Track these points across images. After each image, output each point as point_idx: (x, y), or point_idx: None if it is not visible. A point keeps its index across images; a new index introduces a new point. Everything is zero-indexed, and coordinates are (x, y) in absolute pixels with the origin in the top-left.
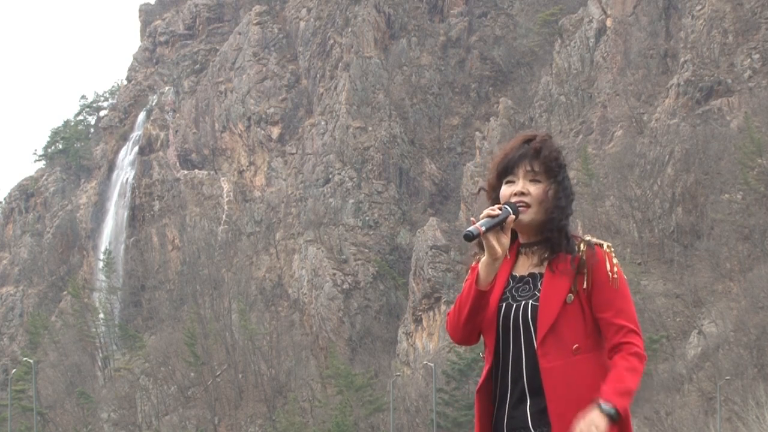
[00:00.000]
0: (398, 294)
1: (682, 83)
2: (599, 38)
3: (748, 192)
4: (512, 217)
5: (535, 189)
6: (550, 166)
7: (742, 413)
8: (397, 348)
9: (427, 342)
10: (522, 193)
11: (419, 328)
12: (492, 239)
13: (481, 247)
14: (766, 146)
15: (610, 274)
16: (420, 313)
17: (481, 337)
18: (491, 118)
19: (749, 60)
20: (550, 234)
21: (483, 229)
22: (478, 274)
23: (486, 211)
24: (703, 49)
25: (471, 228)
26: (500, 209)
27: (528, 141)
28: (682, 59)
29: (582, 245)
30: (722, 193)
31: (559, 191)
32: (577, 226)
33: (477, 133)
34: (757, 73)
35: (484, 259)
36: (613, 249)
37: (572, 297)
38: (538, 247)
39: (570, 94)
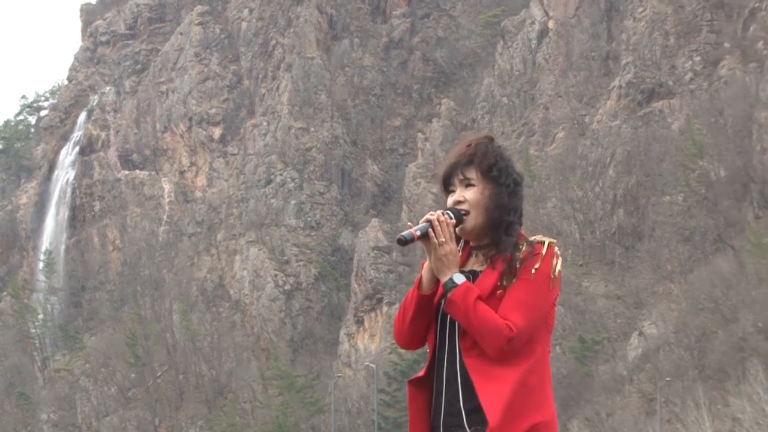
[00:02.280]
0: (340, 295)
1: (623, 85)
2: (541, 40)
3: (689, 194)
4: (452, 222)
5: (469, 194)
6: (483, 169)
7: (682, 415)
8: (338, 349)
9: (369, 343)
10: (459, 201)
11: (361, 329)
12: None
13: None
14: (707, 148)
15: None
16: (362, 314)
17: None
18: (433, 120)
19: (690, 62)
20: (494, 235)
21: (418, 233)
22: (421, 277)
23: (426, 216)
24: (645, 51)
25: (405, 233)
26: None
27: (467, 149)
28: (623, 61)
29: (524, 245)
30: (663, 195)
31: (499, 191)
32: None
33: (419, 134)
34: (698, 75)
35: (427, 263)
36: (557, 247)
37: (501, 293)
38: (485, 249)
39: (512, 96)
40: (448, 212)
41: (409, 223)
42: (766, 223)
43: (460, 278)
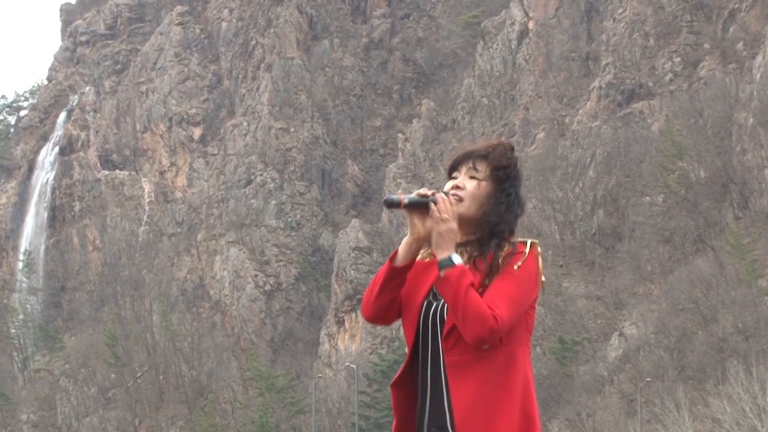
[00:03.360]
0: (320, 296)
1: (603, 86)
2: (521, 41)
3: (669, 195)
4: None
5: (470, 184)
6: (494, 167)
7: (662, 415)
8: (319, 350)
9: (350, 344)
10: (458, 187)
11: (341, 329)
12: (416, 218)
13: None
14: (687, 149)
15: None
16: (342, 314)
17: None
18: (414, 120)
19: (670, 63)
20: (481, 234)
21: (405, 200)
22: (396, 251)
23: (417, 191)
24: (625, 52)
25: (394, 195)
26: (433, 194)
27: (490, 145)
28: (603, 62)
29: (507, 245)
30: (643, 196)
31: (499, 195)
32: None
33: (399, 134)
34: (678, 76)
35: (406, 237)
36: (539, 247)
37: (482, 292)
38: (469, 246)
39: (492, 97)
40: (442, 193)
41: (399, 191)
42: (745, 224)
43: (458, 259)
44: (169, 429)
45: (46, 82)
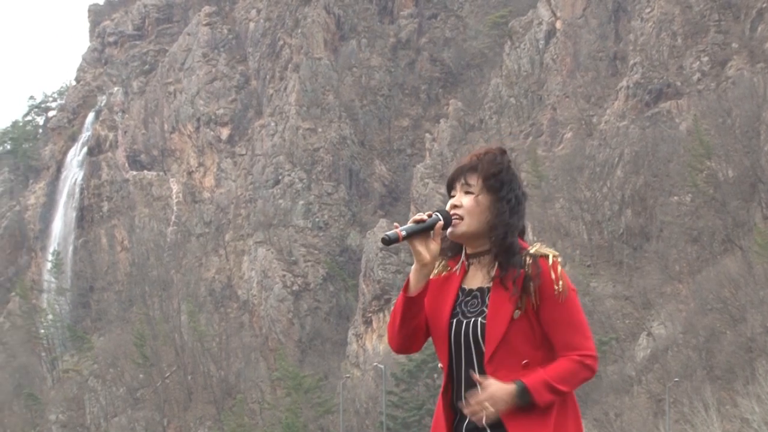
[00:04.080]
0: (348, 296)
1: (631, 85)
2: (549, 40)
3: (697, 194)
4: (440, 223)
5: (466, 200)
6: (485, 178)
7: (691, 415)
8: (346, 350)
9: (377, 343)
10: (455, 206)
11: (369, 329)
12: (419, 245)
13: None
14: (715, 149)
15: (556, 287)
16: (370, 314)
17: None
18: (441, 120)
19: (698, 62)
20: (493, 247)
21: (403, 234)
22: (408, 280)
23: (413, 217)
24: (652, 52)
25: (389, 232)
26: (429, 216)
27: (476, 156)
28: (631, 62)
29: (527, 259)
30: (671, 196)
31: (499, 204)
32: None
33: (427, 134)
34: (705, 75)
35: (414, 265)
36: (560, 258)
37: (519, 312)
38: (483, 258)
39: (520, 96)
40: (437, 213)
41: (395, 224)
42: None
43: (525, 396)
44: (197, 429)
45: (74, 83)
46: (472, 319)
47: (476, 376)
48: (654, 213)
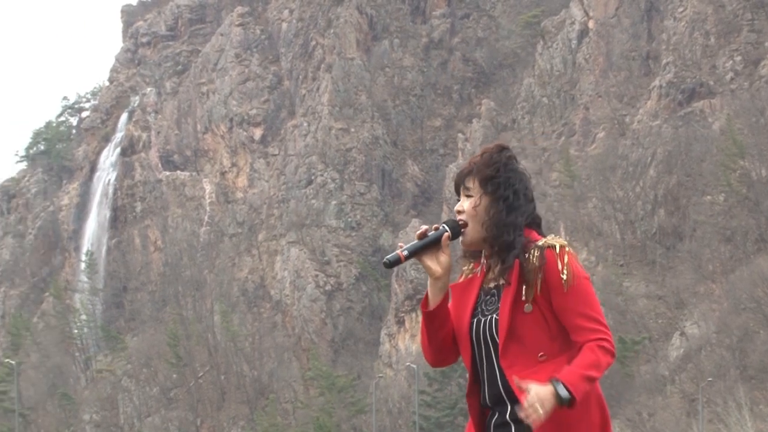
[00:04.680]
0: (381, 295)
1: (664, 85)
2: (581, 40)
3: (730, 194)
4: (447, 234)
5: (467, 204)
6: (480, 180)
7: (724, 415)
8: (379, 349)
9: (410, 343)
10: (459, 212)
11: (402, 329)
12: (428, 260)
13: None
14: (748, 148)
15: (562, 276)
16: (402, 314)
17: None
18: (474, 120)
19: (731, 62)
20: (495, 249)
21: (405, 253)
22: (426, 296)
23: (417, 233)
24: (685, 51)
25: (390, 255)
26: (436, 229)
27: (473, 159)
28: (664, 61)
29: (534, 251)
30: (704, 195)
31: (496, 204)
32: (559, 228)
33: (459, 134)
34: (738, 75)
35: (429, 280)
36: (568, 248)
37: (530, 306)
38: (496, 258)
39: (552, 96)
40: (444, 224)
41: (399, 243)
42: None
43: (563, 390)
44: (230, 429)
45: (107, 84)
46: (489, 317)
47: (516, 380)
48: (687, 212)
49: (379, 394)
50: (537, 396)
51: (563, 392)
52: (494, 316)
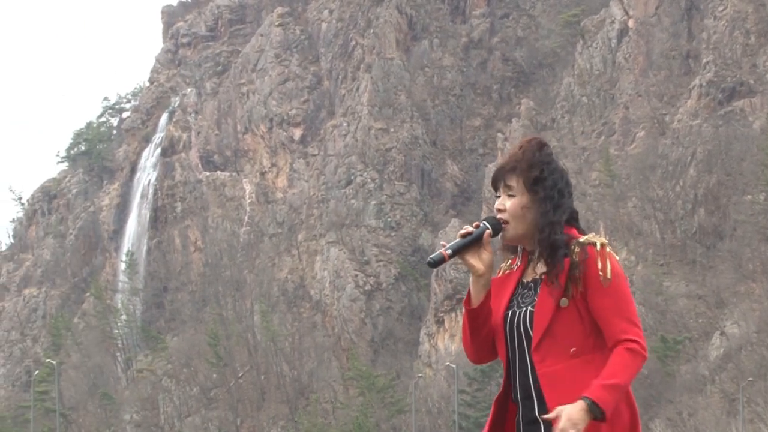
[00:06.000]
0: (420, 295)
1: (704, 84)
2: (621, 39)
3: None
4: (488, 232)
5: (510, 204)
6: (525, 181)
7: (765, 415)
8: (419, 349)
9: (449, 343)
10: (499, 210)
11: (441, 329)
12: (471, 258)
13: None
14: None
15: (601, 274)
16: (442, 314)
17: None
18: (513, 120)
19: None
20: (541, 247)
21: (449, 252)
22: (469, 292)
23: (460, 232)
24: (726, 50)
25: (434, 255)
26: (477, 227)
27: (514, 155)
28: (704, 60)
29: (575, 247)
30: (744, 194)
31: (542, 204)
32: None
33: (499, 134)
34: None
35: (471, 278)
36: (609, 246)
37: (566, 301)
38: (539, 255)
39: (592, 95)
40: (484, 222)
41: (442, 242)
42: None
43: (596, 409)
44: (270, 429)
45: (148, 84)
46: (524, 309)
47: (544, 416)
48: (727, 212)
49: (418, 394)
50: (569, 420)
51: (595, 410)
52: (529, 308)
